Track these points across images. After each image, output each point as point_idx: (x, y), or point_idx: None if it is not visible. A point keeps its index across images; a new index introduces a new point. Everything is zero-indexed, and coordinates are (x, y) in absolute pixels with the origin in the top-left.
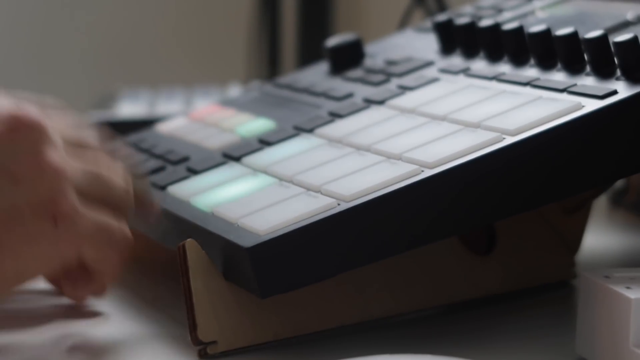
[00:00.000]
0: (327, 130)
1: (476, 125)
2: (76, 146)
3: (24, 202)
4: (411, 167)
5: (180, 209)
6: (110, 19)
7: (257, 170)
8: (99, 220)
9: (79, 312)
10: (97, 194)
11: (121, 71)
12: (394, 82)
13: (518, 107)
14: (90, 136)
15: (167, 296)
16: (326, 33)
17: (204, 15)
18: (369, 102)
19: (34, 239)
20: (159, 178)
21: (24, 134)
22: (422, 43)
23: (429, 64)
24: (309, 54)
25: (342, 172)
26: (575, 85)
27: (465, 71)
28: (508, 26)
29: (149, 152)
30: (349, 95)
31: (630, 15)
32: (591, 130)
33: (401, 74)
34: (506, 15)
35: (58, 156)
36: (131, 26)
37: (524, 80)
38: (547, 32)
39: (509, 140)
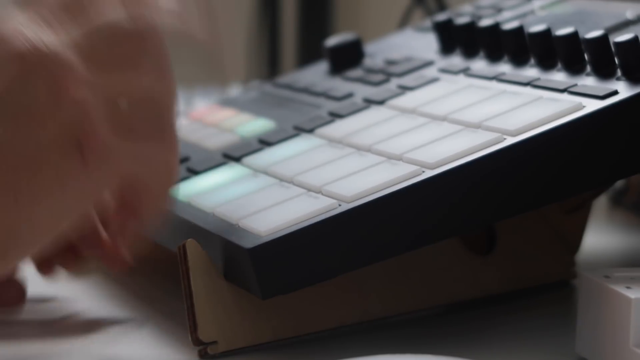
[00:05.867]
0: (327, 131)
1: (477, 126)
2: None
3: (46, 142)
4: (412, 168)
5: (181, 210)
6: None
7: (257, 170)
8: (136, 150)
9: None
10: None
11: None
12: (394, 82)
13: (518, 108)
14: None
15: (167, 297)
16: (326, 33)
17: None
18: (369, 102)
19: (63, 180)
20: None
21: (36, 70)
22: (422, 43)
23: (429, 63)
24: (309, 54)
25: (342, 172)
26: (575, 85)
27: (465, 71)
28: (508, 26)
29: None
30: (349, 95)
31: (630, 15)
32: (592, 131)
33: (401, 74)
34: (506, 15)
35: (78, 84)
36: None
37: (524, 80)
38: (547, 32)
39: (510, 140)
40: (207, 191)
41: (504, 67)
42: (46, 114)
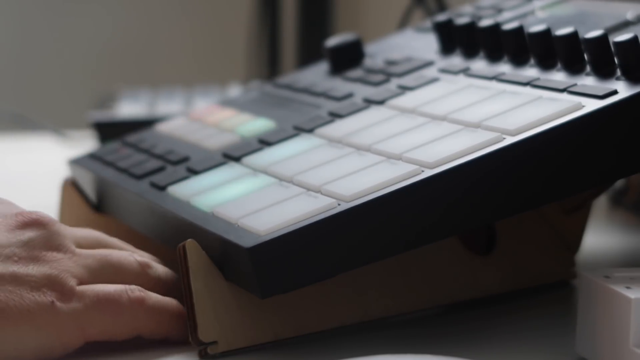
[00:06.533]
0: (327, 130)
1: (476, 125)
2: (91, 245)
3: (23, 276)
4: (411, 167)
5: (180, 209)
6: (111, 19)
7: (257, 170)
8: (101, 293)
9: None
10: (109, 275)
11: (121, 71)
12: (394, 82)
13: (518, 107)
14: (106, 237)
15: None
16: (326, 33)
17: (204, 16)
18: (369, 102)
19: (32, 313)
20: (159, 178)
21: (34, 229)
22: (422, 43)
23: (429, 64)
24: (309, 54)
25: (342, 172)
26: (575, 85)
27: (465, 71)
28: (508, 26)
29: (149, 152)
30: (349, 95)
31: (630, 15)
32: (591, 130)
33: (401, 74)
34: (506, 15)
35: (62, 252)
36: (131, 26)
37: (524, 80)
38: (547, 32)
39: (509, 140)
40: (207, 191)
41: (504, 67)
42: (28, 260)
